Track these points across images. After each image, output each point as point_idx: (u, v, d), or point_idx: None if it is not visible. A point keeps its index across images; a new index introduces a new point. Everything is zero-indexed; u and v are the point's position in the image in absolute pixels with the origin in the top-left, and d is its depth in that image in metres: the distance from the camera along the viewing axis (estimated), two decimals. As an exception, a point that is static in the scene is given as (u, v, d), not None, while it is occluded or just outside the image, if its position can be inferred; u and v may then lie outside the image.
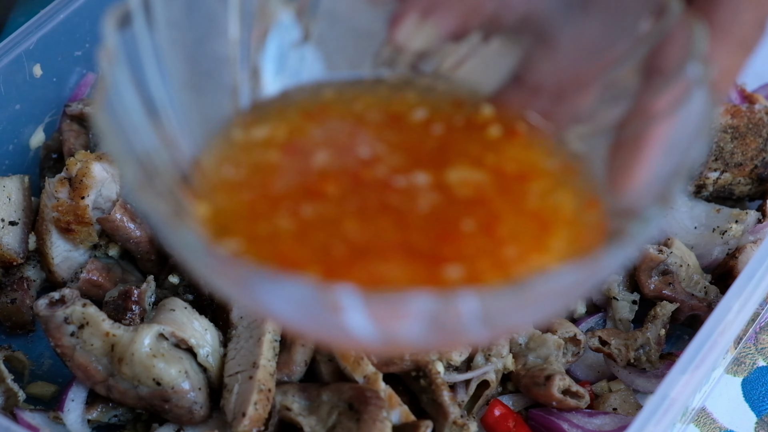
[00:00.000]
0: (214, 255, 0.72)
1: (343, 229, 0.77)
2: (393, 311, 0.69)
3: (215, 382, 1.19)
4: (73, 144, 1.43)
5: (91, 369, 1.17)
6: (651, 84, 0.80)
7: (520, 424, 1.23)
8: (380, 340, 0.74)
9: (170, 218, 0.74)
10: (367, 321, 0.70)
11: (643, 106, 0.79)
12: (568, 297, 0.78)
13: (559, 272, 0.70)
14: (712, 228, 1.37)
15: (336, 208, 0.79)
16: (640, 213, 0.75)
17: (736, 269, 1.31)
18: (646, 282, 1.31)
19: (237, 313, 1.20)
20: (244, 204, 0.79)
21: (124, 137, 0.77)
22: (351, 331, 0.72)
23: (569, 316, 1.36)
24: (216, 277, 0.75)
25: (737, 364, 1.34)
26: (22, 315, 1.35)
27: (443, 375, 1.19)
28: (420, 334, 0.72)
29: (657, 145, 0.78)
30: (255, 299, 0.75)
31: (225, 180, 0.81)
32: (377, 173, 0.81)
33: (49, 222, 1.32)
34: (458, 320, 0.70)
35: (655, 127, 0.78)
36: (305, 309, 0.72)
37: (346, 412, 1.12)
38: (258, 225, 0.77)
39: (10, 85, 1.40)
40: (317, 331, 0.79)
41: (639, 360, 1.27)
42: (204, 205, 0.79)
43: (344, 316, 0.69)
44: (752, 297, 1.11)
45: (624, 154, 0.80)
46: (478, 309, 0.68)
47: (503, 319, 0.73)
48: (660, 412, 1.03)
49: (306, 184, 0.80)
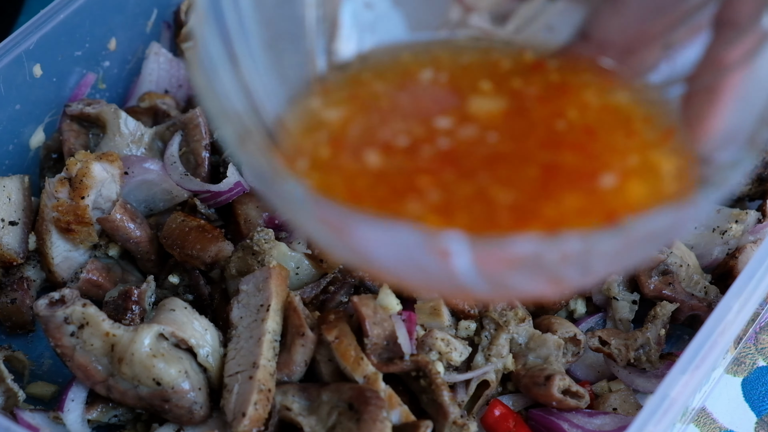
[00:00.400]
0: (319, 203, 0.73)
1: (443, 179, 0.77)
2: (500, 255, 0.70)
3: (215, 382, 1.19)
4: (73, 144, 1.43)
5: (91, 369, 1.17)
6: (723, 36, 0.81)
7: (520, 424, 1.23)
8: (485, 285, 0.75)
9: (274, 171, 0.75)
10: (472, 265, 0.70)
11: (715, 57, 0.81)
12: (662, 241, 0.81)
13: (659, 214, 0.71)
14: (712, 228, 1.37)
15: (433, 159, 0.79)
16: (723, 160, 0.77)
17: (736, 269, 1.31)
18: (646, 282, 1.31)
19: (237, 313, 1.20)
20: (333, 161, 0.80)
21: (217, 96, 0.79)
22: (458, 277, 0.72)
23: (569, 316, 1.36)
24: (320, 227, 0.75)
25: (737, 364, 1.34)
26: (22, 315, 1.35)
27: (443, 375, 1.19)
28: (522, 278, 0.73)
29: (732, 94, 0.80)
30: (359, 248, 0.75)
31: (311, 139, 0.82)
32: (465, 128, 0.82)
33: (49, 222, 1.32)
34: (560, 263, 0.71)
35: (729, 77, 0.80)
36: (411, 255, 0.72)
37: (346, 412, 1.12)
38: (355, 180, 0.78)
39: (10, 85, 1.40)
40: (422, 279, 0.80)
41: (639, 360, 1.27)
42: (302, 160, 0.80)
43: (451, 261, 0.70)
44: (752, 297, 1.11)
45: (699, 104, 0.82)
46: (581, 251, 0.69)
47: (602, 262, 0.74)
48: (660, 412, 1.03)
49: (392, 138, 0.81)
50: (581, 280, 0.82)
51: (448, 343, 1.21)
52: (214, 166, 1.42)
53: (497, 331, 1.25)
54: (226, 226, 1.39)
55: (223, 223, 1.40)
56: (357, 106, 0.86)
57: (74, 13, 1.44)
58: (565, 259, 0.71)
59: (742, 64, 0.79)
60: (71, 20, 1.44)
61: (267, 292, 1.19)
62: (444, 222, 0.75)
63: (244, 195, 1.38)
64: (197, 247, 1.30)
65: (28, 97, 1.44)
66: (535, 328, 1.29)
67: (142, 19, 1.57)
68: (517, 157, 0.80)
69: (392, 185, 0.78)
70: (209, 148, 1.41)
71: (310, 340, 1.17)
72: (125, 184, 1.35)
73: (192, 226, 1.32)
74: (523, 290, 0.80)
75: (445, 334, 1.22)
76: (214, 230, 1.32)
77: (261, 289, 1.20)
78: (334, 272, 1.29)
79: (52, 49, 1.44)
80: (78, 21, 1.45)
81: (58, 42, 1.44)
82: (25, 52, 1.40)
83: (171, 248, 1.31)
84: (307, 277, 1.29)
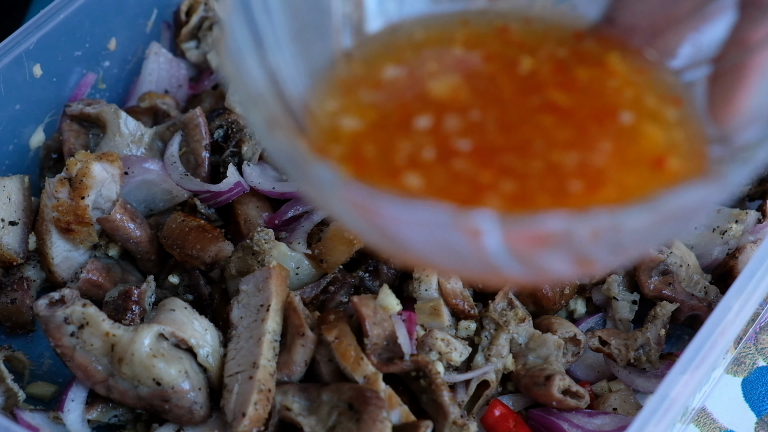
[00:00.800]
0: (349, 186, 0.73)
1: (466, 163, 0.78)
2: (530, 232, 0.70)
3: (215, 382, 1.19)
4: (73, 144, 1.43)
5: (91, 369, 1.17)
6: (749, 15, 0.82)
7: (520, 424, 1.23)
8: (516, 266, 0.75)
9: (303, 155, 0.75)
10: (504, 244, 0.70)
11: (741, 37, 0.82)
12: (691, 219, 0.80)
13: (690, 189, 0.71)
14: (712, 228, 1.37)
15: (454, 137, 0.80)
16: (748, 138, 0.77)
17: (736, 269, 1.31)
18: (646, 282, 1.31)
19: (237, 313, 1.20)
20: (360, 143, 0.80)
21: (245, 83, 0.80)
22: (489, 258, 0.72)
23: (569, 316, 1.36)
24: (350, 210, 0.75)
25: (737, 364, 1.34)
26: (22, 315, 1.35)
27: (443, 375, 1.19)
28: (554, 258, 0.73)
29: (759, 73, 0.80)
30: (390, 230, 0.75)
31: (337, 126, 0.83)
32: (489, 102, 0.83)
33: (49, 222, 1.32)
34: (591, 241, 0.71)
35: (756, 56, 0.80)
36: (441, 235, 0.72)
37: (346, 412, 1.12)
38: (382, 163, 0.79)
39: (10, 85, 1.40)
40: (453, 260, 0.79)
41: (639, 360, 1.27)
42: (333, 145, 0.80)
43: (483, 241, 0.70)
44: (752, 297, 1.11)
45: (725, 84, 0.82)
46: (611, 228, 0.69)
47: (632, 240, 0.74)
48: (660, 412, 1.03)
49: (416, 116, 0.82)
50: (612, 259, 0.82)
51: (448, 343, 1.21)
52: (214, 166, 1.42)
53: (497, 331, 1.25)
54: (226, 226, 1.39)
55: (223, 223, 1.40)
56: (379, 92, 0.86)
57: (74, 13, 1.44)
58: (596, 237, 0.71)
59: (767, 43, 0.80)
60: (71, 20, 1.44)
61: (267, 292, 1.19)
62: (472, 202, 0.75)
63: (244, 195, 1.38)
64: (197, 247, 1.30)
65: (28, 97, 1.44)
66: (535, 328, 1.29)
67: (142, 19, 1.57)
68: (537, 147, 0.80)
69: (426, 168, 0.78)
70: (209, 148, 1.40)
71: (310, 340, 1.17)
72: (125, 184, 1.35)
73: (192, 226, 1.32)
74: (555, 270, 0.80)
75: (445, 334, 1.22)
76: (214, 230, 1.32)
77: (261, 289, 1.20)
78: (334, 272, 1.29)
79: (52, 49, 1.44)
80: (78, 21, 1.45)
81: (58, 42, 1.44)
82: (25, 52, 1.40)
83: (171, 248, 1.31)
84: (307, 277, 1.29)
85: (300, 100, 0.85)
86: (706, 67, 0.85)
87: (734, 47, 0.83)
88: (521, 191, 0.76)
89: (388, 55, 0.90)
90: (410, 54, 0.89)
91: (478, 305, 1.30)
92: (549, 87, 0.85)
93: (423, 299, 1.27)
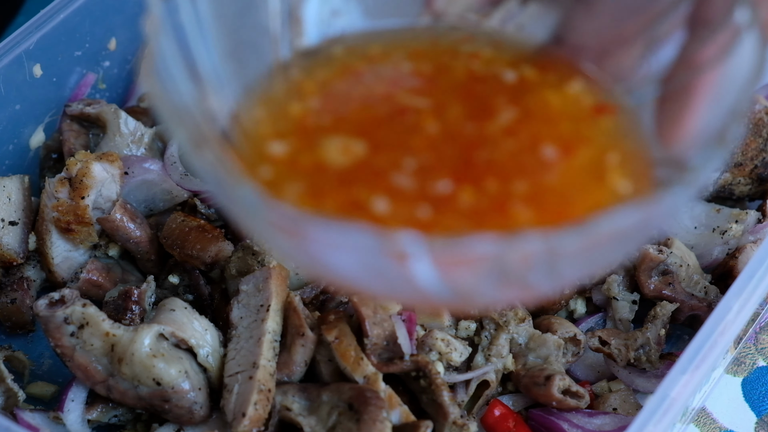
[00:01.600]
0: (272, 208, 0.71)
1: (395, 180, 0.76)
2: (458, 256, 0.67)
3: (215, 382, 1.19)
4: (73, 144, 1.43)
5: (91, 369, 1.17)
6: (696, 34, 0.80)
7: (520, 424, 1.23)
8: (447, 292, 0.72)
9: (227, 175, 0.73)
10: (432, 269, 0.68)
11: (690, 56, 0.80)
12: (630, 242, 0.77)
13: (624, 212, 0.69)
14: (712, 228, 1.37)
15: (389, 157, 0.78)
16: (693, 160, 0.75)
17: (736, 269, 1.31)
18: (646, 282, 1.31)
19: (237, 313, 1.20)
20: (288, 165, 0.79)
21: (171, 101, 0.78)
22: (418, 282, 0.70)
23: (569, 316, 1.36)
24: (275, 232, 0.73)
25: (737, 364, 1.34)
26: (22, 315, 1.35)
27: (443, 375, 1.19)
28: (486, 283, 0.71)
29: (707, 93, 0.79)
30: (316, 254, 0.73)
31: (266, 139, 0.81)
32: (428, 121, 0.81)
33: (49, 222, 1.32)
34: (524, 265, 0.68)
35: (704, 76, 0.79)
36: (368, 260, 0.70)
37: (346, 412, 1.12)
38: (305, 181, 0.77)
39: (10, 85, 1.40)
40: (383, 287, 0.77)
41: (639, 360, 1.27)
42: (263, 165, 0.78)
43: (409, 264, 0.68)
44: (752, 297, 1.11)
45: (673, 105, 0.81)
46: (544, 252, 0.67)
47: (568, 264, 0.71)
48: (660, 412, 1.03)
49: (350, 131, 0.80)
50: (551, 285, 0.78)
51: (448, 343, 1.21)
52: (214, 166, 1.41)
53: (497, 331, 1.25)
54: (226, 226, 1.39)
55: (223, 223, 1.40)
56: (321, 95, 0.84)
57: (74, 13, 1.44)
58: (528, 261, 0.68)
59: (716, 62, 0.79)
60: (71, 20, 1.44)
61: (267, 292, 1.19)
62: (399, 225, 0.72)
63: (244, 195, 1.37)
64: (197, 247, 1.30)
65: (28, 97, 1.44)
66: (535, 328, 1.29)
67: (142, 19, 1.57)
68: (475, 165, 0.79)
69: (355, 185, 0.75)
70: (209, 148, 1.40)
71: (310, 340, 1.17)
72: (125, 184, 1.35)
73: (192, 226, 1.32)
74: (490, 298, 0.78)
75: (445, 334, 1.22)
76: (214, 230, 1.32)
77: (261, 289, 1.20)
78: (334, 272, 1.29)
79: (52, 49, 1.44)
80: (78, 21, 1.45)
81: (58, 42, 1.44)
82: (25, 52, 1.40)
83: (171, 248, 1.31)
84: (307, 277, 1.29)
85: (229, 114, 0.83)
86: (654, 89, 0.83)
87: (682, 68, 0.81)
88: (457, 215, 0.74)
89: (327, 66, 0.88)
90: (355, 66, 0.87)
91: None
92: (492, 105, 0.83)
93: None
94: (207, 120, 0.81)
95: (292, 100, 0.84)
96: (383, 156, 0.78)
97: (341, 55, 0.89)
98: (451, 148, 0.79)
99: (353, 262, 0.72)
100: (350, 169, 0.77)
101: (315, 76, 0.87)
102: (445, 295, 0.74)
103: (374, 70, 0.87)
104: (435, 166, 0.78)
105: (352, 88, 0.85)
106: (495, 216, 0.74)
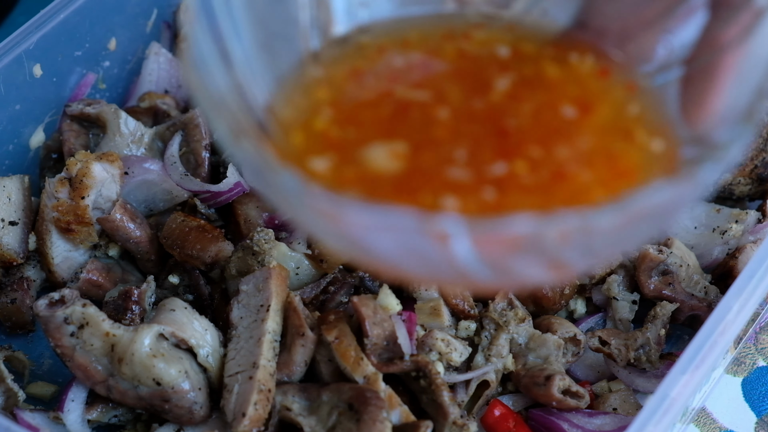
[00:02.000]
0: (314, 193, 0.72)
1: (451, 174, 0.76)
2: (498, 235, 0.69)
3: (215, 382, 1.19)
4: (73, 144, 1.43)
5: (91, 369, 1.17)
6: (719, 15, 0.81)
7: (520, 424, 1.23)
8: (487, 271, 0.73)
9: (267, 164, 0.74)
10: (472, 249, 0.69)
11: (713, 37, 0.82)
12: (662, 219, 0.79)
13: (659, 189, 0.70)
14: (712, 228, 1.37)
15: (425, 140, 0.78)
16: (721, 137, 0.77)
17: (736, 269, 1.31)
18: (646, 282, 1.31)
19: (237, 314, 1.20)
20: (333, 181, 0.79)
21: (209, 92, 0.79)
22: (458, 262, 0.71)
23: (569, 316, 1.36)
24: (317, 217, 0.74)
25: (737, 364, 1.34)
26: (22, 315, 1.35)
27: (443, 375, 1.19)
28: (524, 262, 0.72)
29: (731, 72, 0.80)
30: (357, 238, 0.74)
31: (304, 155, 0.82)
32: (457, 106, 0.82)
33: (49, 222, 1.32)
34: (561, 243, 0.69)
35: (727, 56, 0.80)
36: (409, 241, 0.71)
37: (346, 412, 1.12)
38: (345, 167, 0.77)
39: (10, 85, 1.40)
40: (423, 267, 0.78)
41: (639, 360, 1.27)
42: (307, 158, 0.79)
43: (450, 244, 0.69)
44: (752, 297, 1.11)
45: (697, 85, 0.82)
46: (580, 229, 0.68)
47: (603, 241, 0.73)
48: (660, 412, 1.03)
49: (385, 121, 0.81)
50: (584, 262, 0.81)
51: (448, 343, 1.21)
52: (214, 166, 1.42)
53: (497, 331, 1.25)
54: (226, 226, 1.39)
55: (223, 223, 1.40)
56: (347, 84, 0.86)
57: (74, 13, 1.44)
58: (565, 239, 0.70)
59: (738, 42, 0.80)
60: (71, 20, 1.44)
61: (267, 293, 1.19)
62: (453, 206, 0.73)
63: (244, 195, 1.38)
64: (197, 247, 1.30)
65: (28, 97, 1.44)
66: (535, 328, 1.29)
67: (142, 19, 1.57)
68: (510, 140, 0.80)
69: (418, 192, 0.76)
70: (209, 148, 1.40)
71: (310, 341, 1.17)
72: (125, 184, 1.35)
73: (192, 226, 1.32)
74: (527, 275, 0.79)
75: (445, 334, 1.22)
76: (214, 230, 1.32)
77: (261, 290, 1.20)
78: (334, 272, 1.29)
79: (52, 49, 1.44)
80: (78, 21, 1.45)
81: (58, 42, 1.44)
82: (25, 52, 1.40)
83: (171, 248, 1.31)
84: (307, 278, 1.29)
85: (265, 105, 0.84)
86: (678, 70, 0.85)
87: (705, 48, 0.82)
88: (500, 196, 0.75)
89: (356, 55, 0.89)
90: (377, 55, 0.88)
91: (478, 305, 1.30)
92: (518, 88, 0.84)
93: (423, 299, 1.27)
94: (243, 111, 0.82)
95: (314, 115, 0.84)
96: (425, 154, 0.79)
97: (369, 44, 0.90)
98: (477, 128, 0.80)
99: (394, 245, 0.73)
100: (402, 175, 0.77)
101: (344, 65, 0.88)
102: (484, 275, 0.75)
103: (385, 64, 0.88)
104: (475, 149, 0.78)
105: (360, 88, 0.86)
106: (560, 186, 0.76)
